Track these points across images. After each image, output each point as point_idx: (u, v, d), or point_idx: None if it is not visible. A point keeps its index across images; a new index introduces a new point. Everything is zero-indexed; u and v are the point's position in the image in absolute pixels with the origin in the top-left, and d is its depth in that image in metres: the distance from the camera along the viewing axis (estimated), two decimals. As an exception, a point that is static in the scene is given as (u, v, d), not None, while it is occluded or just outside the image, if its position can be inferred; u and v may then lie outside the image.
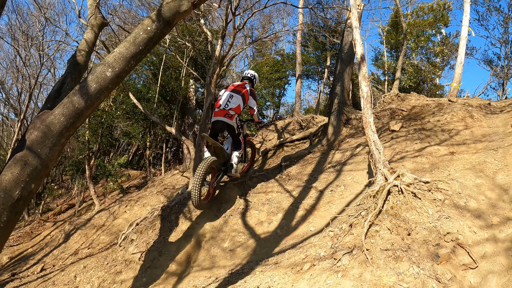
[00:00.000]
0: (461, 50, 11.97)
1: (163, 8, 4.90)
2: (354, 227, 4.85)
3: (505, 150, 6.39)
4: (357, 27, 7.04)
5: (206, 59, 14.20)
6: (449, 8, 19.24)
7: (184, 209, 7.76)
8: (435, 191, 5.08)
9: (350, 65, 10.94)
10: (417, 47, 19.27)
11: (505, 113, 9.08)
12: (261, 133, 14.52)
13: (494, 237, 4.33)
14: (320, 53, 22.29)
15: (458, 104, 9.69)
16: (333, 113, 10.47)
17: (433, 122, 9.07)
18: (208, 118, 8.53)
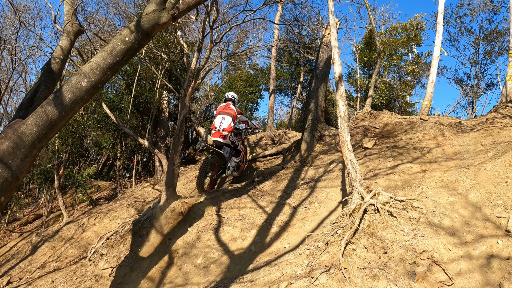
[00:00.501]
0: (433, 69, 12.26)
1: (143, 19, 4.83)
2: (331, 246, 4.83)
3: (477, 168, 6.51)
4: (336, 46, 7.10)
5: (181, 71, 14.10)
6: (422, 28, 19.82)
7: (156, 224, 7.58)
8: (410, 209, 5.12)
9: (324, 82, 11.04)
10: (390, 65, 19.70)
11: (475, 131, 9.31)
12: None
13: (468, 254, 4.39)
14: (294, 69, 22.46)
15: (430, 123, 9.88)
16: (306, 129, 10.51)
17: (405, 140, 9.20)
18: (182, 132, 8.43)
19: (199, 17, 9.79)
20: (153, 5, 4.97)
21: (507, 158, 6.39)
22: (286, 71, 22.25)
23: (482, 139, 8.72)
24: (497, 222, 4.81)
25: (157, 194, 11.33)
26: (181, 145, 8.43)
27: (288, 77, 22.26)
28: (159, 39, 12.77)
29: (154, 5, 4.97)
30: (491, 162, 6.52)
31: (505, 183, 5.59)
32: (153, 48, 11.46)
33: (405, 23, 19.61)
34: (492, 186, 5.65)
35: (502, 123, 9.18)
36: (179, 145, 8.36)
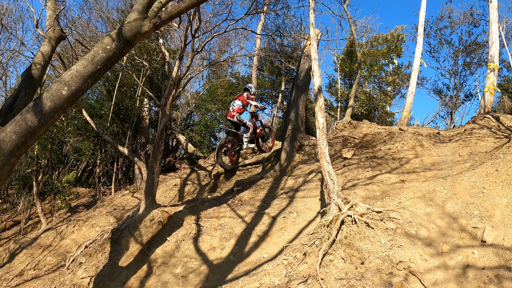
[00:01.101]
0: (413, 80, 12.41)
1: (124, 28, 4.79)
2: (308, 256, 4.82)
3: (454, 178, 6.58)
4: (316, 59, 7.13)
5: (162, 79, 14.00)
6: (402, 40, 20.10)
7: (135, 233, 7.48)
8: (387, 220, 5.15)
9: (305, 92, 11.09)
10: (370, 76, 19.91)
11: (453, 142, 9.43)
12: (213, 156, 14.39)
13: (445, 264, 4.43)
14: (275, 78, 22.60)
15: (409, 133, 9.98)
16: (286, 139, 10.51)
17: (384, 150, 9.27)
18: (162, 140, 8.38)
19: (182, 24, 9.76)
20: (135, 14, 4.94)
21: (484, 168, 6.46)
22: (268, 80, 22.32)
23: (460, 150, 8.83)
24: (473, 233, 4.86)
25: (137, 202, 11.20)
26: (161, 154, 8.37)
27: (269, 86, 22.32)
28: (141, 46, 12.67)
29: (136, 13, 4.94)
30: (468, 173, 6.59)
31: (482, 194, 5.66)
32: (135, 55, 11.36)
33: (386, 34, 19.96)
34: (468, 196, 5.71)
35: (480, 134, 9.32)
36: (158, 154, 8.29)
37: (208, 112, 16.03)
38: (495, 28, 11.69)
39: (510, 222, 4.80)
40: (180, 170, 13.86)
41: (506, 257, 4.28)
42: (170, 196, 11.45)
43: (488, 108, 11.44)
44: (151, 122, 15.07)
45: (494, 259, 4.33)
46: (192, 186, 12.03)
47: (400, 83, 20.57)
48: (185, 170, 13.68)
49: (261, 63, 21.33)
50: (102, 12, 13.92)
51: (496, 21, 11.82)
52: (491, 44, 11.72)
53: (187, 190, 11.78)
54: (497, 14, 11.99)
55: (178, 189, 11.93)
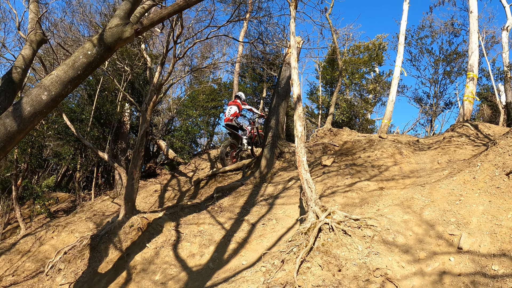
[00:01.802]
0: (393, 89, 12.58)
1: (106, 33, 4.75)
2: (286, 263, 4.80)
3: (432, 186, 6.64)
4: (296, 67, 7.16)
5: (143, 84, 13.89)
6: (383, 48, 20.34)
7: (115, 239, 7.38)
8: (364, 227, 5.17)
9: (285, 100, 11.11)
10: (351, 84, 20.07)
11: (432, 149, 9.53)
12: (193, 162, 14.33)
13: (421, 271, 4.47)
14: (257, 84, 22.59)
15: (388, 141, 10.07)
16: (266, 146, 10.51)
17: (363, 158, 9.34)
18: (142, 146, 8.29)
19: (164, 30, 9.71)
20: (116, 19, 4.90)
21: (461, 176, 6.53)
22: (249, 87, 22.26)
23: (439, 157, 8.93)
24: (449, 240, 4.91)
25: (117, 208, 11.07)
26: (141, 160, 8.28)
27: (251, 92, 22.28)
28: (122, 51, 12.54)
29: (118, 19, 4.91)
30: (446, 180, 6.65)
31: (459, 201, 5.71)
32: (117, 60, 11.24)
33: (368, 42, 20.16)
34: (446, 204, 5.77)
35: (459, 142, 9.44)
36: (139, 160, 8.20)
37: (190, 118, 15.96)
38: (475, 38, 11.92)
39: (486, 229, 4.86)
40: (161, 176, 13.76)
41: (482, 264, 4.32)
42: (150, 202, 11.34)
43: (467, 116, 11.63)
44: (132, 127, 14.91)
45: (470, 265, 4.37)
46: (173, 192, 11.95)
47: (381, 91, 20.81)
48: (165, 176, 13.59)
49: (243, 70, 21.33)
50: (85, 16, 13.80)
51: (476, 31, 12.06)
52: (470, 54, 11.94)
53: (168, 196, 11.69)
54: (477, 25, 12.24)
55: (159, 195, 11.83)
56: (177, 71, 14.42)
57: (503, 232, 4.69)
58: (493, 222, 4.96)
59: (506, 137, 7.15)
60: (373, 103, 20.78)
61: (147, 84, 13.53)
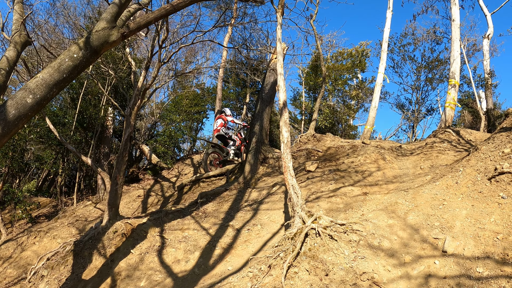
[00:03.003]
0: (376, 95, 12.71)
1: (92, 36, 4.71)
2: (273, 269, 4.78)
3: (415, 191, 6.70)
4: (282, 73, 7.17)
5: (127, 88, 13.74)
6: (366, 55, 20.57)
7: (98, 245, 7.25)
8: (350, 232, 5.19)
9: (270, 105, 11.13)
10: (334, 90, 20.23)
11: (414, 155, 9.64)
12: (177, 167, 14.22)
13: (407, 275, 4.50)
14: (240, 90, 22.59)
15: (371, 147, 10.15)
16: (250, 151, 10.50)
17: (347, 163, 9.39)
18: (126, 151, 8.19)
19: (149, 34, 9.63)
20: (103, 23, 4.86)
21: (444, 181, 6.61)
22: (232, 92, 22.26)
23: (421, 163, 9.02)
24: (434, 243, 4.96)
25: (99, 213, 10.91)
26: (125, 165, 8.17)
27: (234, 97, 22.28)
28: (107, 55, 12.38)
29: (105, 22, 4.87)
30: (429, 185, 6.72)
31: (442, 206, 5.77)
32: (101, 64, 11.08)
33: (351, 49, 20.34)
34: (429, 208, 5.82)
35: (441, 148, 9.56)
36: (122, 165, 8.10)
37: (173, 122, 15.85)
38: (456, 46, 12.14)
39: (470, 233, 4.92)
40: (144, 181, 13.62)
41: (467, 266, 4.37)
42: (133, 207, 11.21)
43: (449, 123, 11.80)
44: (115, 132, 14.73)
45: (455, 268, 4.42)
46: (156, 197, 11.83)
47: (364, 97, 21.04)
48: (148, 181, 13.45)
49: (226, 75, 21.34)
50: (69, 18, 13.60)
51: (458, 39, 12.29)
52: (452, 61, 12.14)
53: (151, 202, 11.57)
54: (459, 33, 12.48)
55: (142, 201, 11.71)
56: (161, 75, 14.30)
57: (486, 236, 4.75)
58: (477, 226, 5.02)
59: (487, 142, 7.27)
60: (356, 109, 20.98)
61: (131, 88, 13.42)
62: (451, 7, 12.63)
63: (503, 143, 6.84)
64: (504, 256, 4.30)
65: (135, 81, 9.07)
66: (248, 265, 5.81)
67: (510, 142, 6.78)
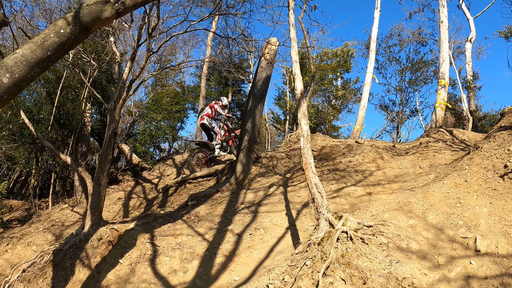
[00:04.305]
0: (365, 94, 12.58)
1: (82, 11, 4.14)
2: (301, 279, 4.27)
3: (424, 190, 6.49)
4: (297, 61, 6.73)
5: (108, 81, 12.99)
6: (352, 55, 20.55)
7: (81, 254, 6.47)
8: (378, 235, 4.81)
9: (262, 102, 10.68)
10: (320, 90, 20.10)
11: (410, 154, 9.50)
12: (158, 167, 13.62)
13: (445, 277, 4.24)
14: (222, 89, 22.26)
15: (367, 146, 9.96)
16: (242, 150, 9.98)
17: (345, 163, 9.13)
18: (110, 149, 7.55)
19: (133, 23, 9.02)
20: (96, -4, 4.30)
21: (451, 179, 6.43)
22: (214, 90, 21.90)
23: (419, 162, 8.90)
24: (464, 243, 4.72)
25: (77, 217, 10.18)
26: (108, 164, 7.51)
27: (216, 96, 21.89)
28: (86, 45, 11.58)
29: (97, -5, 4.31)
30: (436, 184, 6.53)
31: (459, 204, 5.59)
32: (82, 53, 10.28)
33: (336, 49, 20.29)
34: (446, 207, 5.61)
35: (436, 147, 9.46)
36: (106, 164, 7.43)
37: (153, 121, 15.20)
38: (445, 47, 12.17)
39: (497, 231, 4.74)
40: (123, 182, 12.90)
41: (506, 265, 4.18)
42: (114, 210, 10.54)
43: (440, 123, 11.78)
44: (93, 130, 13.92)
45: (493, 267, 4.22)
46: (138, 200, 11.18)
47: (348, 97, 21.00)
48: (128, 183, 12.74)
49: (208, 73, 20.97)
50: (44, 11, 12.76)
51: (447, 41, 12.36)
52: (442, 62, 12.16)
53: (133, 205, 10.91)
54: (447, 34, 12.47)
55: (123, 203, 11.03)
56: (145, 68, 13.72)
57: (516, 232, 4.58)
58: (503, 223, 4.88)
59: (488, 141, 7.22)
60: (340, 109, 20.94)
61: (112, 81, 12.71)
62: (439, 9, 12.65)
63: (507, 141, 6.80)
64: None
65: (119, 72, 8.44)
66: (257, 274, 5.37)
67: (514, 140, 6.72)
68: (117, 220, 9.08)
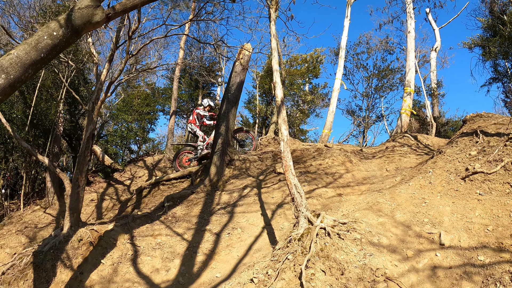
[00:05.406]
0: (333, 100, 12.98)
1: (74, 14, 4.27)
2: (284, 272, 4.58)
3: (391, 191, 6.88)
4: (277, 70, 7.01)
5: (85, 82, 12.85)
6: (321, 61, 21.02)
7: (62, 255, 6.43)
8: (352, 231, 5.17)
9: (235, 106, 10.92)
10: (289, 94, 20.44)
11: (377, 158, 9.92)
12: (129, 169, 13.60)
13: (414, 268, 4.63)
14: (193, 91, 22.28)
15: (336, 150, 10.32)
16: (216, 153, 10.17)
17: (315, 166, 9.46)
18: (89, 150, 7.62)
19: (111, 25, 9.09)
20: (87, 0, 4.44)
21: (417, 181, 6.87)
22: (184, 93, 21.88)
23: (386, 165, 9.31)
24: (429, 238, 5.13)
25: (50, 219, 10.07)
26: (86, 165, 7.57)
27: (187, 99, 21.95)
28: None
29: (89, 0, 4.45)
30: (403, 186, 6.94)
31: (424, 204, 6.00)
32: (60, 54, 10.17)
33: (306, 55, 20.72)
34: (412, 206, 6.00)
35: (402, 151, 9.92)
36: (84, 165, 7.49)
37: (124, 122, 15.15)
38: (412, 56, 12.75)
39: (460, 227, 5.16)
40: (95, 184, 12.82)
41: (468, 256, 4.60)
42: (87, 212, 10.51)
43: (405, 128, 12.32)
44: (64, 130, 13.73)
45: (457, 258, 4.63)
46: (111, 201, 11.18)
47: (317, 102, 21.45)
48: (100, 184, 12.67)
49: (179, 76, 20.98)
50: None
51: (413, 50, 12.94)
52: (408, 70, 12.73)
53: (106, 206, 10.92)
54: (414, 44, 13.08)
55: (96, 205, 11.01)
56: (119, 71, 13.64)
57: (476, 228, 5.02)
58: (464, 220, 5.27)
59: (451, 146, 7.69)
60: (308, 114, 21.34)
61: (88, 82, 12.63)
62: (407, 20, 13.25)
63: (468, 146, 7.28)
64: (499, 244, 4.56)
65: (97, 73, 8.49)
66: (238, 270, 5.62)
67: (474, 145, 7.21)
68: (92, 221, 9.11)
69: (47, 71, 11.84)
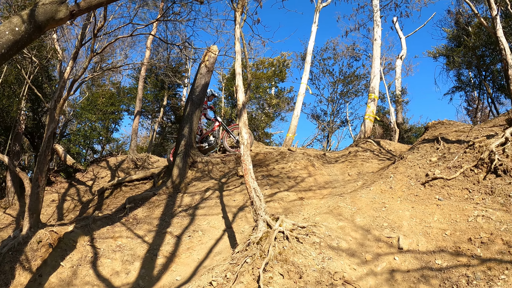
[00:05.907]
0: (298, 104, 13.11)
1: (38, 10, 4.17)
2: (242, 275, 4.56)
3: (352, 195, 7.01)
4: (240, 73, 6.99)
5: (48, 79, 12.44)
6: (287, 66, 21.15)
7: (21, 257, 6.20)
8: (311, 235, 5.22)
9: (199, 108, 10.85)
10: (255, 97, 20.48)
11: (340, 163, 10.05)
12: (91, 169, 13.31)
13: (372, 271, 4.68)
14: (158, 91, 22.06)
15: (299, 154, 10.39)
16: (179, 155, 10.07)
17: (278, 169, 9.49)
18: (49, 149, 7.40)
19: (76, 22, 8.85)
20: (51, -4, 4.33)
21: (378, 186, 7.03)
22: (150, 93, 21.66)
23: (348, 170, 9.45)
24: (388, 242, 5.22)
25: (10, 220, 9.74)
26: (47, 164, 7.37)
27: (152, 99, 21.69)
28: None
29: (53, -5, 4.34)
30: (364, 190, 7.08)
31: (384, 208, 6.12)
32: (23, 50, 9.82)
33: (272, 59, 20.83)
34: (373, 211, 6.12)
35: (364, 156, 10.09)
36: (45, 164, 7.29)
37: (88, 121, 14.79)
38: (377, 63, 13.01)
39: (418, 231, 5.26)
40: (56, 184, 12.46)
41: (425, 260, 4.67)
42: (48, 213, 10.21)
43: (368, 134, 12.54)
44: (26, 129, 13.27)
45: (415, 262, 4.70)
46: (72, 202, 10.90)
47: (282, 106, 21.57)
48: (62, 184, 12.33)
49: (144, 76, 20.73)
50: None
51: (379, 58, 13.21)
52: (373, 77, 12.99)
53: (67, 207, 10.63)
54: (380, 52, 13.35)
55: (57, 206, 10.70)
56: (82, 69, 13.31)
57: (434, 232, 5.12)
58: (423, 225, 5.39)
59: (412, 152, 7.89)
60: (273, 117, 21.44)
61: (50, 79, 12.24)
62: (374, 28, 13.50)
63: (429, 152, 7.50)
64: (456, 249, 4.65)
65: (61, 71, 8.25)
66: (199, 273, 5.58)
67: (435, 152, 7.42)
68: (52, 222, 8.86)
69: (10, 67, 11.42)
